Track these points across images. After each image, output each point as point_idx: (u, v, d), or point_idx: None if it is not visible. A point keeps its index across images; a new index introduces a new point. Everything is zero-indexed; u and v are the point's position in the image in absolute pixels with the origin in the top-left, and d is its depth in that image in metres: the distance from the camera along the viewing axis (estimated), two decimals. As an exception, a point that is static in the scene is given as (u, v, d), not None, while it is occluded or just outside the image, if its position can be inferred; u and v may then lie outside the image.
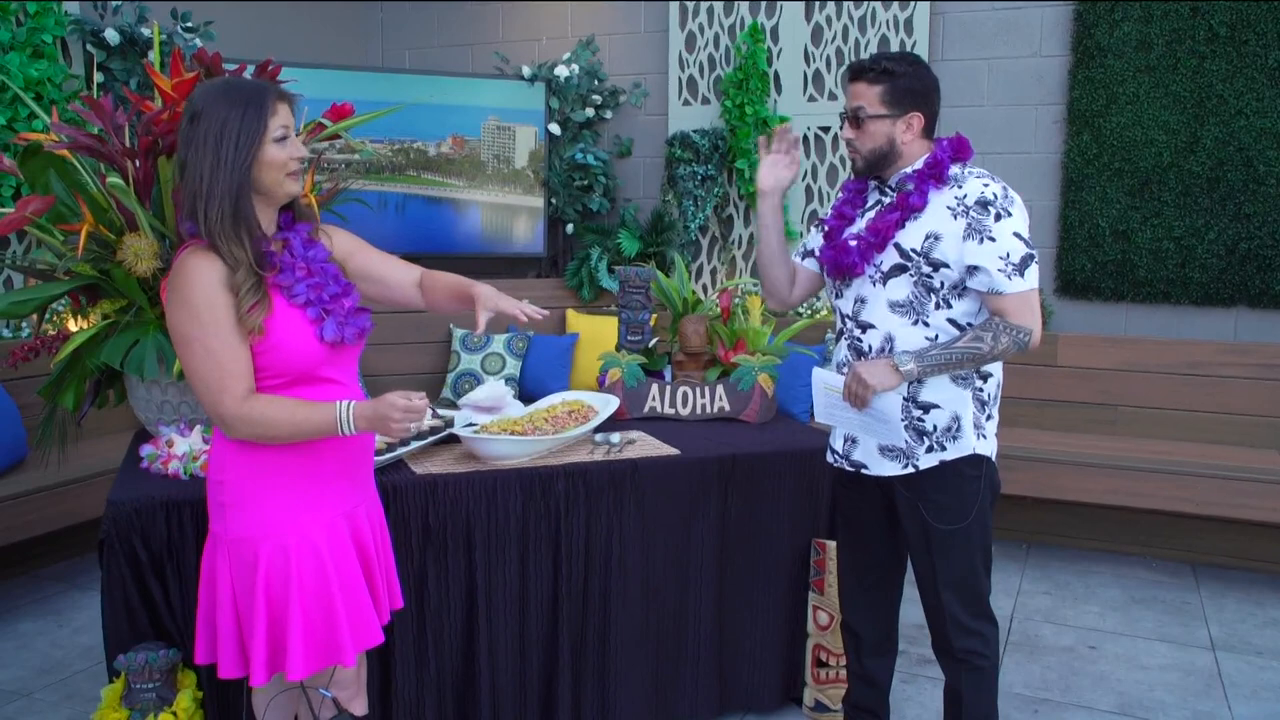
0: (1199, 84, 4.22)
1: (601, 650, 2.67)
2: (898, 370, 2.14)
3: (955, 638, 2.32)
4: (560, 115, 5.41)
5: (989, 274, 2.12)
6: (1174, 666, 3.33)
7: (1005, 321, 2.14)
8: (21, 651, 3.38)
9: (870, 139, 2.24)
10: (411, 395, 1.81)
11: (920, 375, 2.16)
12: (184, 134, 1.81)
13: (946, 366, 2.16)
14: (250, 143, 1.79)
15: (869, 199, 2.36)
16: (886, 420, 2.16)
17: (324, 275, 1.94)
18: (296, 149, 1.86)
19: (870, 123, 2.22)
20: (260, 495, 1.87)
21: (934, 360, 2.15)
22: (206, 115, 1.78)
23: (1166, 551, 4.33)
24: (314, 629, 1.89)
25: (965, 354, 2.14)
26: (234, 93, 1.81)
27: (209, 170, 1.77)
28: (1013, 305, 2.14)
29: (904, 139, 2.22)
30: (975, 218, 2.12)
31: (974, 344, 2.14)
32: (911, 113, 2.21)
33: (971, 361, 2.15)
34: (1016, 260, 2.12)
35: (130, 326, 2.51)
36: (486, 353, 4.84)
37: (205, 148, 1.77)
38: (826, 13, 4.95)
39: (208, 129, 1.78)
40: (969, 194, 2.14)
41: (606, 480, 2.62)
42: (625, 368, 3.18)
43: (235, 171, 1.78)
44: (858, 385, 2.14)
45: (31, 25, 4.10)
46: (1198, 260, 4.33)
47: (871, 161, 2.26)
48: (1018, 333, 2.14)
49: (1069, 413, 4.49)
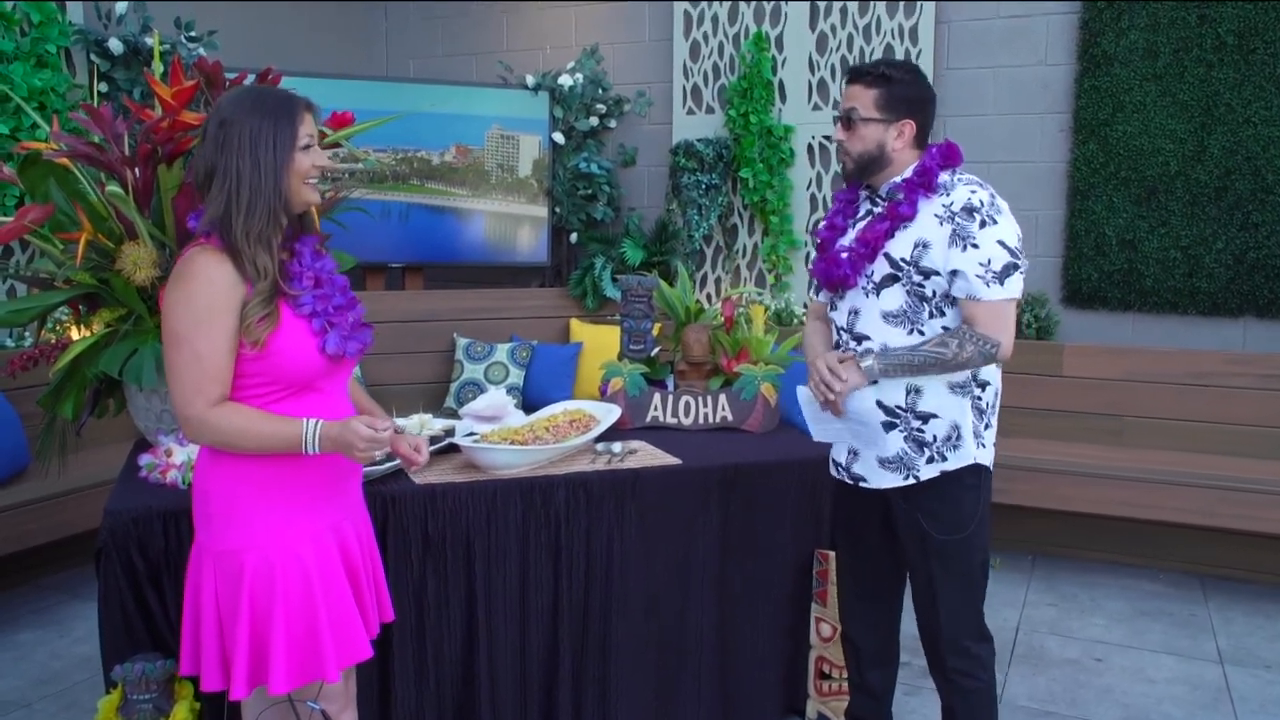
0: (1206, 92, 4.20)
1: (603, 661, 2.65)
2: (858, 367, 2.14)
3: (949, 656, 2.29)
4: (564, 124, 5.41)
5: (968, 279, 2.10)
6: (1181, 680, 3.29)
7: (973, 330, 2.11)
8: (21, 662, 3.37)
9: (860, 142, 2.22)
10: (377, 424, 1.81)
11: (881, 374, 2.14)
12: (213, 139, 1.80)
13: (909, 368, 2.13)
14: (285, 149, 1.81)
15: (860, 209, 2.34)
16: (865, 423, 2.16)
17: (332, 286, 1.93)
18: (319, 157, 1.87)
19: (862, 126, 2.20)
20: (246, 507, 1.86)
21: (896, 360, 2.13)
22: (238, 122, 1.79)
23: (1173, 563, 4.29)
24: (297, 643, 1.86)
25: (929, 358, 2.12)
26: (265, 100, 1.82)
27: (249, 175, 1.78)
28: (984, 313, 2.11)
29: (894, 145, 2.20)
30: (960, 224, 2.10)
31: (938, 349, 2.12)
32: (905, 120, 2.19)
33: (934, 367, 2.13)
34: (998, 268, 2.09)
35: (129, 335, 2.50)
36: (490, 362, 4.82)
37: (243, 153, 1.78)
38: (831, 21, 4.94)
39: (241, 135, 1.78)
40: (956, 200, 2.13)
41: (608, 490, 2.60)
42: (627, 377, 3.16)
43: (274, 178, 1.80)
44: (825, 388, 2.14)
45: (36, 35, 4.11)
46: (1205, 270, 4.30)
47: (860, 165, 2.24)
48: (984, 343, 2.11)
49: (1074, 423, 4.46)
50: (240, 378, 1.83)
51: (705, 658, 2.78)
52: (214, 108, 1.85)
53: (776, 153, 5.00)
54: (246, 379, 1.83)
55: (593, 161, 5.31)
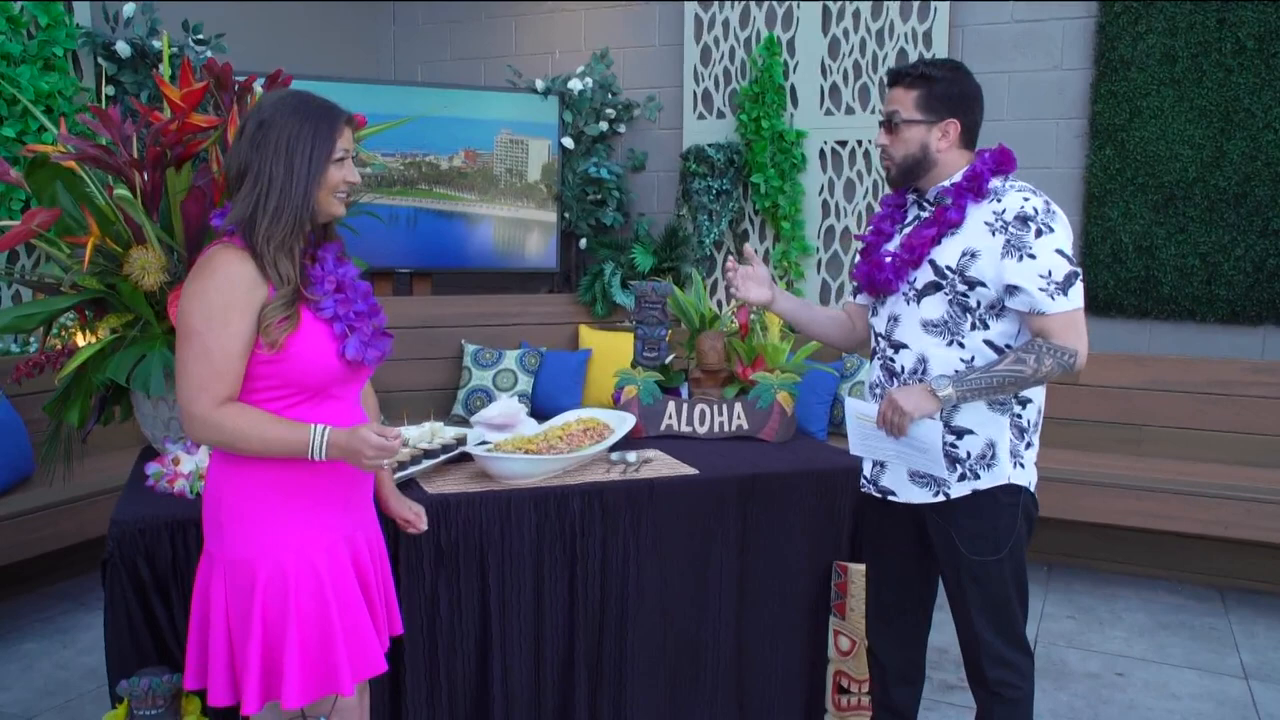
0: (1225, 97, 4.15)
1: (618, 674, 2.59)
2: (935, 395, 2.02)
3: (988, 668, 2.22)
4: (574, 129, 5.37)
5: (1029, 294, 2.02)
6: (1206, 695, 3.23)
7: (1049, 343, 2.03)
8: (26, 673, 3.32)
9: (903, 145, 2.15)
10: (387, 432, 1.76)
11: (959, 400, 2.04)
12: (250, 138, 1.77)
13: (987, 391, 2.04)
14: (321, 160, 1.78)
15: (908, 214, 2.28)
16: (925, 449, 2.05)
17: (354, 292, 1.90)
18: (351, 173, 1.84)
19: (904, 128, 2.14)
20: (259, 515, 1.81)
21: (973, 384, 2.03)
22: (278, 125, 1.76)
23: (1192, 575, 4.23)
24: (311, 656, 1.82)
25: (1006, 377, 2.02)
26: (307, 107, 1.79)
27: (281, 180, 1.75)
28: (1057, 326, 2.03)
29: (939, 146, 2.13)
30: (1014, 234, 2.03)
31: (1016, 367, 2.02)
32: (948, 119, 2.12)
33: (1014, 385, 2.04)
34: (1060, 278, 2.02)
35: (137, 341, 2.45)
36: (498, 369, 4.78)
37: (278, 157, 1.75)
38: (844, 25, 4.89)
39: (279, 137, 1.75)
40: (1008, 208, 2.05)
41: (624, 500, 2.55)
42: (641, 384, 3.11)
43: (305, 187, 1.77)
44: (893, 412, 2.03)
45: (43, 38, 4.07)
46: (1224, 277, 4.24)
47: (905, 169, 2.18)
48: (1062, 354, 2.02)
49: (1091, 432, 4.41)
50: (253, 380, 1.79)
51: (722, 671, 2.73)
52: (255, 106, 1.82)
53: (788, 158, 4.95)
54: (260, 381, 1.79)
55: (602, 166, 5.26)
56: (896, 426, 2.04)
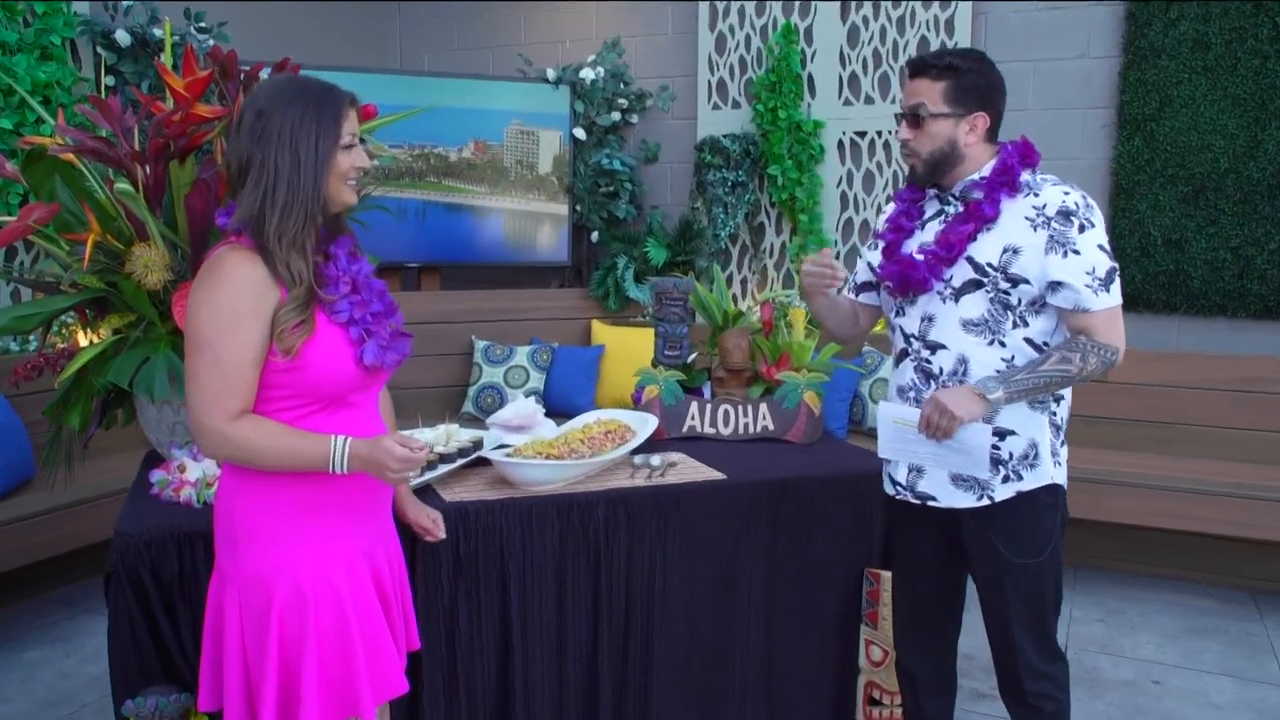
0: (1261, 85, 4.02)
1: (644, 687, 2.49)
2: (984, 398, 1.94)
3: (1026, 680, 2.15)
4: (585, 119, 5.25)
5: (1075, 290, 1.96)
6: (1245, 705, 3.12)
7: (1092, 340, 1.98)
8: (28, 683, 3.22)
9: (930, 140, 2.06)
10: (412, 443, 1.66)
11: (1008, 401, 1.97)
12: (249, 130, 1.65)
13: (1034, 391, 1.97)
14: (328, 148, 1.67)
15: (927, 209, 2.18)
16: (969, 452, 1.97)
17: (369, 291, 1.79)
18: (360, 158, 1.73)
19: (931, 122, 2.05)
20: (274, 530, 1.71)
21: (1021, 385, 1.96)
22: (277, 113, 1.64)
23: (1223, 578, 4.12)
24: (331, 678, 1.72)
25: (1053, 377, 1.96)
26: (306, 92, 1.68)
27: (288, 173, 1.64)
28: (1100, 323, 1.98)
29: (967, 141, 2.05)
30: (1058, 229, 1.96)
31: (1062, 366, 1.95)
32: (976, 113, 2.05)
33: (1059, 385, 1.99)
34: (1102, 275, 1.97)
35: (140, 343, 2.35)
36: (509, 365, 4.67)
37: (281, 148, 1.63)
38: (863, 13, 4.77)
39: (280, 126, 1.64)
40: (1049, 203, 1.98)
41: (649, 506, 2.44)
42: (663, 384, 3.00)
43: (314, 178, 1.66)
44: (941, 416, 1.94)
45: (40, 26, 3.96)
46: (1257, 271, 4.13)
47: (931, 165, 2.09)
48: (1105, 351, 1.98)
49: (1118, 430, 4.30)
50: (267, 389, 1.68)
51: (751, 681, 2.63)
52: (250, 95, 1.70)
53: (806, 149, 4.83)
54: (274, 390, 1.68)
55: (615, 158, 5.15)
56: (944, 431, 1.95)
